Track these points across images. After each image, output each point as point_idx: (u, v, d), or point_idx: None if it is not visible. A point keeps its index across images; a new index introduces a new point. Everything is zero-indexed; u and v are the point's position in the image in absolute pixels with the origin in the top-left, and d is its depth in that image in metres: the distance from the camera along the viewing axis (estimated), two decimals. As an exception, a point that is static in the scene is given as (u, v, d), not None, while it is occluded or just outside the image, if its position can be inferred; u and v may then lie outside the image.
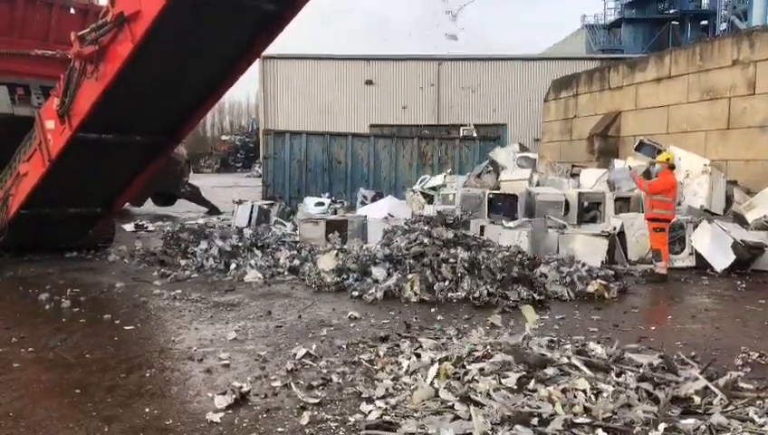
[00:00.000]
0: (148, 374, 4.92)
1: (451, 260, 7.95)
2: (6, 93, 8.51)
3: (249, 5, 7.22)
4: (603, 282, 7.88)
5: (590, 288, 7.77)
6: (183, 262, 9.44)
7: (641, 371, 4.43)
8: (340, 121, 29.01)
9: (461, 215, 10.25)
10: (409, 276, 7.78)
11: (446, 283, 7.68)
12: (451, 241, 8.40)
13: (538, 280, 7.94)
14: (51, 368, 5.11)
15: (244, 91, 57.24)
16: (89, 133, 8.02)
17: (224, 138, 63.67)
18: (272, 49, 9.09)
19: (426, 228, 8.66)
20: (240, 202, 14.60)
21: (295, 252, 9.73)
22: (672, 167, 9.29)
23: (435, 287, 7.60)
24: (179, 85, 8.11)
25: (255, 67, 28.19)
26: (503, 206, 11.18)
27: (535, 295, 7.43)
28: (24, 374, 4.97)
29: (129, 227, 13.98)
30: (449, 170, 16.15)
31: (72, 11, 10.28)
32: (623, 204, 11.13)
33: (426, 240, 8.31)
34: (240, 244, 10.00)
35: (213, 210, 18.21)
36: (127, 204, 14.08)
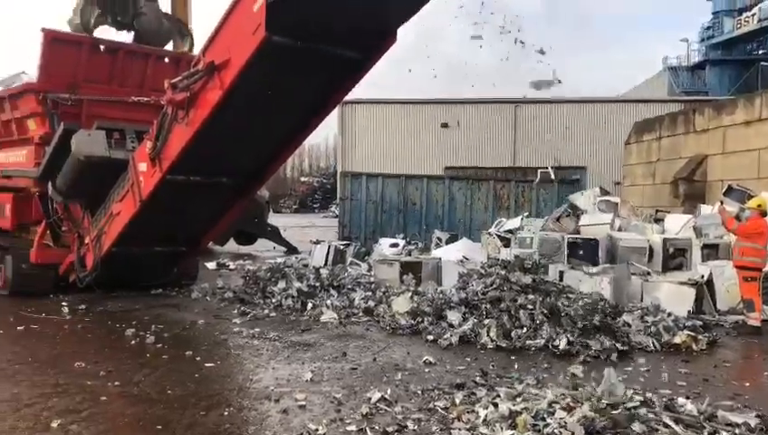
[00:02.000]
0: (226, 413, 5.01)
1: (529, 306, 7.78)
2: (104, 137, 9.00)
3: (333, 54, 7.45)
4: (691, 333, 7.51)
5: (677, 339, 7.42)
6: (262, 301, 9.64)
7: (737, 431, 4.17)
8: (415, 164, 29.17)
9: (539, 259, 10.06)
10: (486, 322, 7.65)
11: (524, 330, 7.51)
12: (529, 286, 8.23)
13: (621, 329, 7.64)
14: (135, 403, 5.28)
15: (323, 133, 58.62)
16: (178, 175, 8.39)
17: (303, 179, 65.24)
18: (350, 93, 9.32)
19: (503, 273, 8.53)
20: (317, 242, 14.86)
21: (370, 293, 9.78)
22: (764, 213, 8.83)
23: (512, 334, 7.44)
24: (264, 130, 8.41)
25: (334, 111, 28.90)
26: (583, 251, 10.89)
27: (618, 345, 7.14)
28: (110, 408, 5.16)
29: (211, 265, 14.42)
30: (526, 213, 15.93)
31: (166, 60, 10.88)
32: (711, 251, 10.64)
33: (503, 285, 8.18)
34: (317, 284, 10.14)
35: (291, 250, 18.57)
36: (210, 243, 14.53)
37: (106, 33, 10.84)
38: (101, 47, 10.35)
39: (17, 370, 6.23)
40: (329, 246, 14.17)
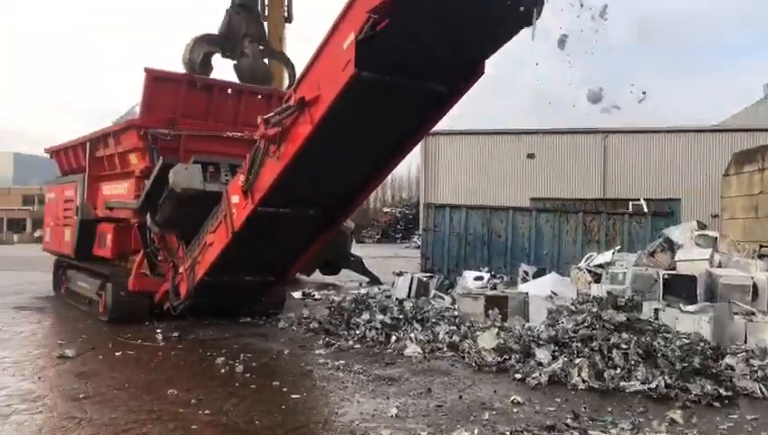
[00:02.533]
0: (313, 446, 5.01)
1: (623, 345, 7.45)
2: (200, 171, 9.37)
3: (420, 88, 7.50)
4: (803, 380, 6.96)
5: (788, 386, 6.89)
6: (346, 332, 9.69)
7: None
8: (500, 195, 28.92)
9: (633, 296, 9.65)
10: (577, 361, 7.37)
11: (618, 370, 7.18)
12: (623, 325, 7.90)
13: (724, 373, 7.16)
14: (224, 432, 5.38)
15: (405, 164, 59.20)
16: (268, 207, 8.59)
17: (385, 210, 65.77)
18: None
19: (595, 310, 8.24)
20: (400, 274, 14.83)
21: (454, 327, 9.64)
22: None
23: (605, 374, 7.12)
24: (351, 163, 8.53)
25: (419, 142, 29.06)
26: (680, 288, 10.35)
27: (721, 390, 6.71)
28: (202, 436, 5.27)
29: (297, 294, 14.66)
30: (618, 247, 15.35)
31: (259, 96, 11.27)
32: (823, 290, 9.89)
33: (595, 322, 7.88)
34: (400, 316, 10.11)
35: (374, 280, 18.64)
36: (297, 273, 14.78)
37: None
38: (198, 84, 10.84)
39: (115, 395, 6.48)
40: (412, 278, 14.10)
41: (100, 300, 11.09)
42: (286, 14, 16.03)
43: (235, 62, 11.43)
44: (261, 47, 11.63)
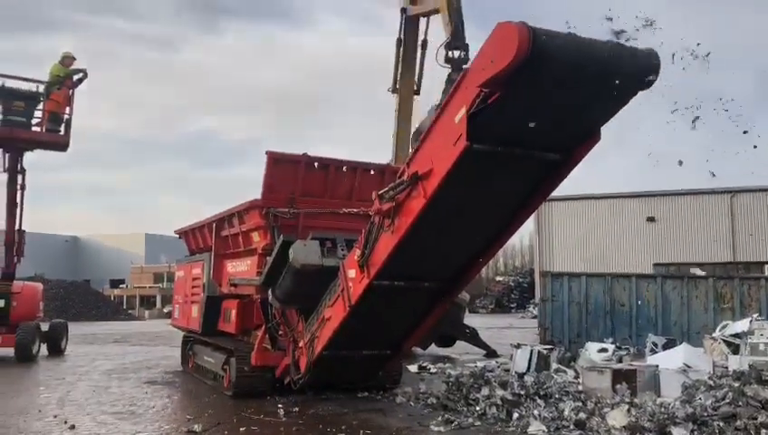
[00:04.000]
0: None
1: (773, 426, 6.78)
2: (318, 247, 9.66)
3: (533, 157, 7.45)
4: None
5: None
6: (465, 408, 9.42)
7: None
8: (620, 261, 27.78)
9: (778, 369, 8.81)
10: (720, 442, 6.78)
11: (769, 453, 6.52)
12: (770, 402, 7.22)
13: None
14: None
15: (518, 232, 58.46)
16: (383, 281, 8.68)
17: (498, 278, 64.72)
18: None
19: (736, 385, 7.60)
20: (518, 346, 14.38)
21: (580, 403, 9.15)
22: None
23: (753, 457, 6.50)
24: (464, 234, 8.51)
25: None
26: (833, 360, 9.40)
27: None
28: None
29: (413, 367, 14.51)
30: (756, 315, 14.21)
31: (372, 172, 11.60)
32: None
33: (738, 399, 7.25)
34: (521, 392, 9.74)
35: (491, 353, 18.18)
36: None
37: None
38: (315, 164, 11.32)
39: (241, 470, 6.58)
40: (531, 350, 13.64)
41: (225, 375, 11.46)
42: (416, 87, 16.50)
43: None
44: None
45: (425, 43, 9.91)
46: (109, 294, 58.85)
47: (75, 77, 16.39)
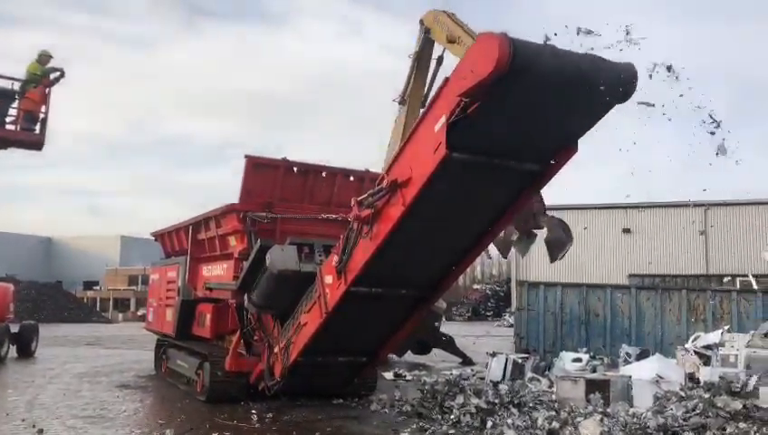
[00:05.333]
0: None
1: (742, 437, 6.88)
2: (296, 252, 9.63)
3: (512, 167, 7.50)
4: None
5: None
6: (440, 416, 9.42)
7: None
8: (595, 272, 28.05)
9: (748, 381, 8.95)
10: (690, 452, 6.86)
11: (737, 464, 6.61)
12: (739, 413, 7.34)
13: None
14: None
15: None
16: (361, 287, 8.67)
17: (475, 286, 64.86)
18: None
19: (707, 396, 7.70)
20: (494, 354, 14.42)
21: (554, 413, 9.19)
22: None
23: (723, 468, 6.58)
24: (442, 242, 8.54)
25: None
26: (801, 372, 9.55)
27: None
28: None
29: (388, 375, 14.49)
30: (727, 327, 14.42)
31: (351, 178, 11.60)
32: None
33: (708, 410, 7.34)
34: (496, 400, 9.76)
35: (467, 361, 18.21)
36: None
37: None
38: (294, 169, 11.29)
39: (212, 477, 6.51)
40: (506, 359, 13.70)
41: (199, 379, 11.35)
42: (423, 99, 16.50)
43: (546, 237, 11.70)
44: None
45: (440, 59, 10.03)
46: (82, 297, 58.03)
47: (52, 75, 16.16)
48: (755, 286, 20.83)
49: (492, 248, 9.66)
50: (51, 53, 16.50)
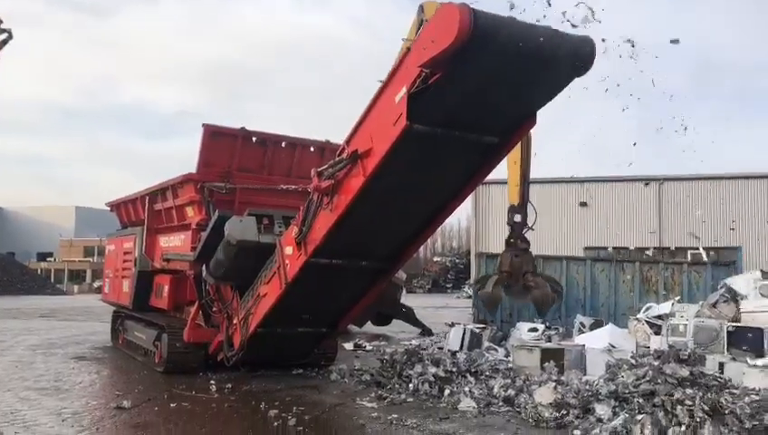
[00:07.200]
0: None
1: (687, 402, 7.11)
2: (255, 223, 9.55)
3: (471, 139, 7.53)
4: None
5: None
6: (398, 385, 9.54)
7: None
8: (552, 244, 28.44)
9: (695, 349, 9.28)
10: (639, 417, 7.07)
11: (683, 428, 6.84)
12: (686, 379, 7.58)
13: (799, 432, 6.80)
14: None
15: (456, 214, 59.23)
16: (321, 259, 8.65)
17: (435, 259, 65.50)
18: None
19: (656, 363, 7.94)
20: (452, 325, 14.62)
21: (509, 381, 9.39)
22: None
23: (669, 432, 6.80)
24: (403, 214, 8.57)
25: (468, 191, 29.09)
26: (745, 340, 9.94)
27: (797, 451, 6.35)
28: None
29: (348, 345, 14.59)
30: (677, 298, 14.86)
31: (312, 149, 11.51)
32: None
33: (657, 377, 7.58)
34: (454, 369, 9.92)
35: (426, 331, 18.43)
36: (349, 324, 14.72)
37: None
38: (254, 139, 11.14)
39: (170, 447, 6.51)
40: (464, 330, 13.89)
41: (156, 351, 11.25)
42: None
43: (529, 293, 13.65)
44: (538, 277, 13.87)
45: None
46: (35, 268, 56.80)
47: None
48: (705, 259, 21.48)
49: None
50: (-2, 14, 15.83)
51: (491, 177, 9.12)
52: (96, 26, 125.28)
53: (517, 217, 14.12)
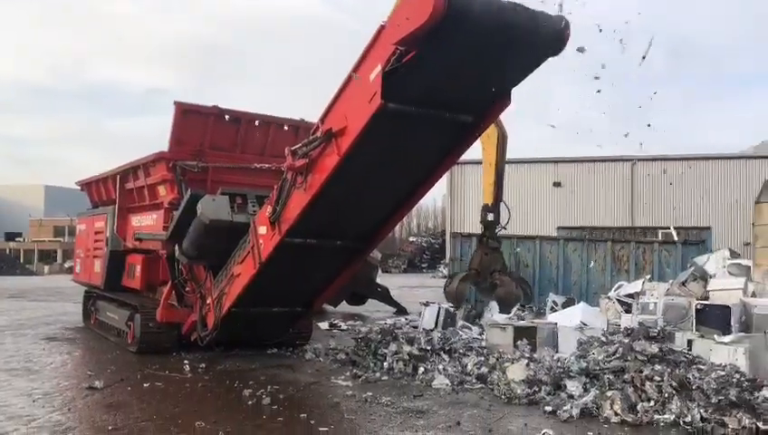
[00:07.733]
0: (341, 481, 4.94)
1: (656, 378, 7.28)
2: (228, 202, 9.45)
3: (446, 118, 7.52)
4: None
5: (830, 421, 6.65)
6: (373, 363, 9.60)
7: None
8: (526, 224, 28.69)
9: (665, 326, 9.45)
10: (609, 393, 7.21)
11: (651, 403, 7.02)
12: (655, 356, 7.75)
13: (761, 406, 6.97)
14: (253, 465, 5.32)
15: (431, 194, 59.32)
16: (295, 238, 8.61)
17: (411, 239, 65.65)
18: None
19: (626, 341, 8.09)
20: (427, 304, 14.71)
21: (483, 358, 9.50)
22: None
23: (638, 407, 6.97)
24: (378, 194, 8.54)
25: (444, 171, 29.14)
26: (713, 318, 10.11)
27: (760, 424, 6.50)
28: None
29: (324, 325, 14.61)
30: (648, 276, 15.11)
31: (286, 128, 11.40)
32: None
33: (627, 354, 7.72)
34: (428, 347, 10.00)
35: (401, 311, 18.52)
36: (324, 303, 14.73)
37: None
38: (226, 117, 11.00)
39: (143, 427, 6.49)
40: (439, 308, 13.99)
41: (129, 331, 11.16)
42: None
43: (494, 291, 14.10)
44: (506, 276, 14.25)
45: None
46: (4, 248, 55.85)
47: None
48: (676, 238, 21.81)
49: None
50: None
51: (466, 157, 9.13)
52: (67, 5, 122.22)
53: (490, 217, 14.58)
